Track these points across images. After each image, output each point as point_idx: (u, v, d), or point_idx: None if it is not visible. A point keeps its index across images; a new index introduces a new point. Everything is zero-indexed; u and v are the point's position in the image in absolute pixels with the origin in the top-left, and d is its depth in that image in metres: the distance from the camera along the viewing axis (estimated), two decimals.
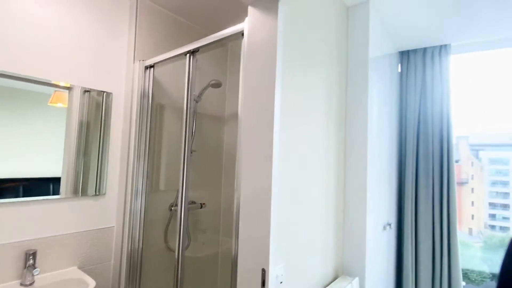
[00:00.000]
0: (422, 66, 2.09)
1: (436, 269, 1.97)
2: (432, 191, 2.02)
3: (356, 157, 1.49)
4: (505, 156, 2.30)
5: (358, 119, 1.51)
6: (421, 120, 2.08)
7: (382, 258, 1.73)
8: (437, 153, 2.02)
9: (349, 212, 1.49)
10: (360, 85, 1.52)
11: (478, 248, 2.54)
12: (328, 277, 1.36)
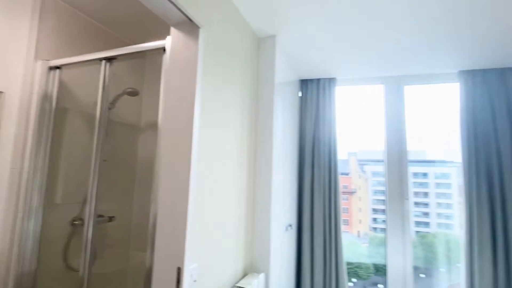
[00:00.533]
0: (316, 93, 2.56)
1: (326, 261, 2.35)
2: (323, 198, 2.43)
3: (264, 167, 1.72)
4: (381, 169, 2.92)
5: (266, 135, 1.76)
6: (315, 138, 2.52)
7: (285, 255, 2.00)
8: (327, 167, 2.45)
9: (257, 216, 1.69)
10: (268, 106, 1.78)
11: (365, 247, 3.11)
12: (238, 274, 1.50)
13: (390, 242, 2.39)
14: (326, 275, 2.34)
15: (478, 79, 2.20)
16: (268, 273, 1.62)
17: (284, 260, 1.96)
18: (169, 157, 1.05)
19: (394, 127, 2.49)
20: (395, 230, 2.38)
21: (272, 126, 1.75)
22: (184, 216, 1.00)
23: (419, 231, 2.79)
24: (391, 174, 2.45)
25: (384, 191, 2.50)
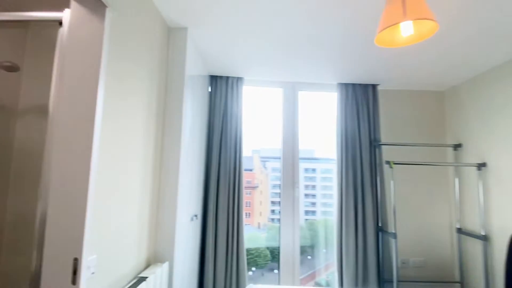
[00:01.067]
0: (225, 90, 2.70)
1: (228, 250, 2.52)
2: (228, 192, 2.58)
3: (171, 159, 1.73)
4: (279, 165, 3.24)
5: (174, 126, 1.77)
6: (223, 133, 2.66)
7: (189, 244, 2.05)
8: (232, 162, 2.61)
9: (162, 207, 1.69)
10: (177, 97, 1.79)
11: (264, 238, 3.40)
12: (142, 265, 1.48)
13: (283, 226, 2.75)
14: (228, 263, 2.50)
15: (349, 91, 2.79)
16: (172, 262, 1.65)
17: (188, 249, 2.02)
18: (65, 147, 0.96)
19: (289, 127, 2.87)
20: (287, 215, 2.77)
21: (181, 118, 1.77)
22: (84, 206, 0.94)
23: (308, 219, 3.28)
24: (285, 168, 2.83)
25: (280, 184, 2.86)
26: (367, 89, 2.80)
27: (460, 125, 2.67)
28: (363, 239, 2.56)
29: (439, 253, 2.70)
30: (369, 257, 2.53)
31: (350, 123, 2.74)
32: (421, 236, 2.72)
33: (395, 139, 2.84)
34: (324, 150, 3.11)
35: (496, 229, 2.24)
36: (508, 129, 2.15)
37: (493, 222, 2.27)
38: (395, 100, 2.91)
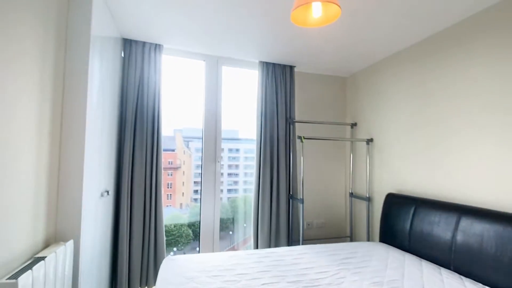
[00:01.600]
0: (142, 57, 2.48)
1: (146, 229, 2.42)
2: (145, 170, 2.43)
3: (75, 125, 1.53)
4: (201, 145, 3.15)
5: (78, 91, 1.55)
6: (138, 104, 2.45)
7: (99, 221, 1.89)
8: (150, 139, 2.44)
9: (65, 179, 1.49)
10: (81, 60, 1.56)
11: (186, 217, 3.34)
12: (39, 245, 1.30)
13: (203, 201, 2.80)
14: (145, 243, 2.41)
15: (270, 70, 2.93)
16: (78, 240, 1.50)
17: (98, 227, 1.86)
18: None
19: (212, 102, 2.86)
20: (208, 190, 2.82)
21: (86, 86, 1.56)
22: None
23: (230, 197, 3.39)
24: (207, 143, 2.84)
25: (202, 157, 2.85)
26: (285, 70, 2.99)
27: (356, 107, 3.16)
28: (276, 206, 2.83)
29: (336, 215, 3.21)
30: (281, 222, 2.83)
31: (270, 101, 2.90)
32: (323, 201, 3.17)
33: (307, 117, 3.16)
34: (247, 131, 3.22)
35: (376, 192, 2.80)
36: (388, 112, 2.66)
37: (375, 187, 2.82)
38: (308, 82, 3.21)
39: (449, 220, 1.83)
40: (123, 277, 2.26)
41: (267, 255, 1.99)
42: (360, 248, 2.17)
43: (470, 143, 1.89)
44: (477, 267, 1.61)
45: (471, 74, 1.90)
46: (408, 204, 2.20)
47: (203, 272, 1.65)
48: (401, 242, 2.18)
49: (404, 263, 1.85)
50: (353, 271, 1.72)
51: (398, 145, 2.53)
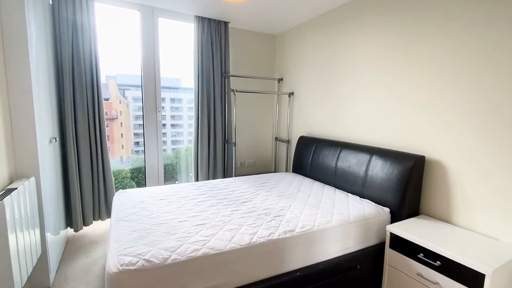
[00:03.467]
0: (72, 4, 2.45)
1: (94, 174, 2.69)
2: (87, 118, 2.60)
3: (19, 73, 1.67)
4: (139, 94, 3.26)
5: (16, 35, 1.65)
6: (74, 54, 2.50)
7: (52, 163, 2.13)
8: (89, 89, 2.57)
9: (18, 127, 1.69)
10: (17, 8, 1.63)
11: (128, 170, 3.52)
12: (5, 181, 1.57)
13: (147, 153, 3.12)
14: (95, 185, 2.70)
15: (205, 25, 3.14)
16: (38, 177, 1.78)
17: (52, 168, 2.11)
18: None
19: (149, 53, 3.00)
20: (151, 140, 3.13)
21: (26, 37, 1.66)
22: None
23: (175, 148, 3.68)
24: (147, 94, 3.05)
25: (143, 115, 3.06)
26: (220, 26, 3.23)
27: (283, 64, 3.64)
28: (214, 150, 3.34)
29: (264, 155, 3.89)
30: (217, 162, 3.37)
31: (206, 55, 3.17)
32: (253, 145, 3.79)
33: (241, 71, 3.54)
34: (188, 81, 3.45)
35: (294, 136, 3.49)
36: (305, 70, 3.21)
37: (293, 131, 3.50)
38: (242, 38, 3.51)
39: (334, 153, 2.58)
40: (77, 212, 2.59)
41: (203, 184, 2.52)
42: (275, 176, 2.87)
43: (355, 99, 2.57)
44: (345, 182, 2.40)
45: (360, 42, 2.49)
46: (311, 143, 2.91)
47: (150, 198, 2.11)
48: (305, 171, 2.94)
49: (303, 183, 2.59)
50: (266, 190, 2.38)
51: (310, 98, 3.16)
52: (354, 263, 1.76)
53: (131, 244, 1.37)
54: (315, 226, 1.67)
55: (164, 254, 1.30)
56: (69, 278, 1.98)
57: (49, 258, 1.90)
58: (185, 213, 1.81)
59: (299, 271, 1.57)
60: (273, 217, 1.77)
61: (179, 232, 1.53)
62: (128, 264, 1.21)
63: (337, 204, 2.04)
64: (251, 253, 1.44)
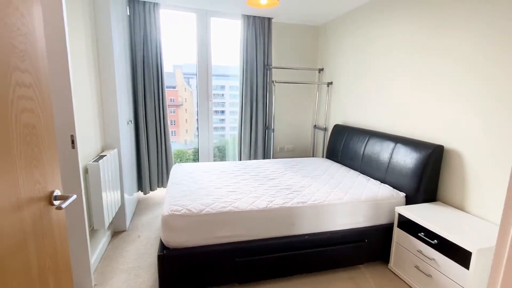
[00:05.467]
0: (144, 15, 3.06)
1: (158, 152, 3.36)
2: (154, 105, 3.25)
3: (107, 71, 2.29)
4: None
5: (106, 47, 2.26)
6: (144, 53, 3.13)
7: (128, 140, 2.80)
8: (155, 80, 3.21)
9: (107, 112, 2.33)
10: (105, 18, 2.22)
11: (191, 152, 4.13)
12: (99, 150, 2.22)
13: (200, 136, 3.68)
14: (159, 160, 3.38)
15: (250, 22, 3.49)
16: (119, 149, 2.42)
17: (128, 144, 2.78)
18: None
19: (203, 48, 3.50)
20: (203, 127, 3.68)
21: (111, 40, 2.26)
22: (71, 108, 1.59)
23: (223, 134, 4.18)
24: (200, 84, 3.59)
25: (197, 102, 3.62)
26: (264, 22, 3.54)
27: (324, 54, 3.79)
28: (255, 134, 3.75)
29: (303, 141, 4.15)
30: (258, 146, 3.78)
31: (250, 50, 3.54)
32: (293, 131, 4.08)
33: (284, 63, 3.82)
34: (233, 70, 3.89)
35: (330, 124, 3.66)
36: (344, 60, 3.34)
37: (330, 120, 3.68)
38: (284, 31, 3.77)
39: (363, 140, 2.73)
40: (146, 180, 3.30)
41: (241, 163, 2.96)
42: (306, 160, 3.15)
43: (385, 89, 2.66)
44: (370, 168, 2.56)
45: (393, 32, 2.56)
46: (344, 131, 3.09)
47: (198, 170, 2.62)
48: (336, 157, 3.14)
49: (330, 167, 2.83)
50: (294, 171, 2.70)
51: (346, 87, 3.29)
52: (362, 236, 1.99)
53: (179, 198, 1.87)
54: (326, 201, 1.95)
55: (200, 207, 1.76)
56: (139, 226, 2.65)
57: (126, 210, 2.58)
58: (221, 183, 2.27)
59: (307, 235, 1.88)
60: (292, 192, 2.10)
61: (214, 194, 1.98)
62: (175, 210, 1.70)
63: (355, 186, 2.25)
64: (266, 215, 1.81)
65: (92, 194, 1.96)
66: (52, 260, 0.86)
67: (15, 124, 0.69)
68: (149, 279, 1.91)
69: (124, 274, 1.95)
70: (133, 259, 2.13)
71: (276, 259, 1.82)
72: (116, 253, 2.21)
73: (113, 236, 2.46)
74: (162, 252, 1.65)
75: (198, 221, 1.70)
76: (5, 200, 0.65)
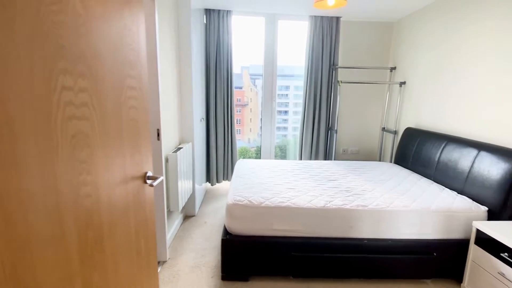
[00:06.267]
0: (218, 22, 3.35)
1: (225, 147, 3.65)
2: (223, 104, 3.54)
3: (187, 76, 2.61)
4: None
5: (186, 53, 2.58)
6: (217, 56, 3.44)
7: (200, 136, 3.13)
8: (225, 81, 3.49)
9: (185, 108, 2.66)
10: (186, 28, 2.53)
11: (253, 151, 4.38)
12: (177, 142, 2.56)
13: (263, 135, 3.85)
14: (225, 155, 3.67)
15: (318, 22, 3.49)
16: (193, 143, 2.74)
17: (200, 139, 3.11)
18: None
19: (270, 49, 3.65)
20: (266, 126, 3.83)
21: (191, 49, 2.57)
22: (158, 103, 1.90)
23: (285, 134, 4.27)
24: (266, 81, 3.74)
25: (261, 102, 3.79)
26: (331, 21, 3.50)
27: (398, 52, 3.54)
28: (317, 135, 3.73)
29: (369, 144, 3.95)
30: (320, 146, 3.75)
31: (316, 50, 3.54)
32: (358, 133, 3.91)
33: (350, 63, 3.70)
34: (298, 69, 3.95)
35: (402, 126, 3.40)
36: (421, 58, 3.06)
37: (401, 122, 3.42)
38: (353, 30, 3.64)
39: (438, 146, 2.48)
40: (213, 172, 3.62)
41: (302, 162, 3.00)
42: (371, 164, 3.00)
43: (468, 91, 2.36)
44: (445, 177, 2.32)
45: (479, 30, 2.26)
46: (416, 135, 2.84)
47: (259, 166, 2.77)
48: (406, 163, 2.91)
49: (398, 173, 2.65)
50: (356, 174, 2.62)
51: (421, 87, 3.01)
52: (429, 249, 1.84)
53: (242, 190, 2.03)
54: (389, 207, 1.86)
55: (260, 199, 1.88)
56: (206, 213, 2.95)
57: (196, 198, 2.89)
58: (281, 180, 2.36)
59: (366, 240, 1.83)
60: (352, 194, 2.06)
61: (273, 190, 2.09)
62: (238, 200, 1.86)
63: (425, 194, 2.08)
64: (324, 214, 1.83)
65: (170, 181, 2.28)
66: (143, 228, 1.08)
67: (125, 118, 0.91)
68: (213, 260, 2.13)
69: (192, 253, 2.22)
70: (200, 241, 2.40)
71: (332, 259, 1.82)
72: (185, 234, 2.51)
73: (184, 220, 2.80)
74: (226, 236, 1.83)
75: (257, 212, 1.83)
76: (119, 176, 0.87)
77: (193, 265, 2.07)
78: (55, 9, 0.59)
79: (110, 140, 0.82)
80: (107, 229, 0.81)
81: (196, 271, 2.00)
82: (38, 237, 0.56)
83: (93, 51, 0.72)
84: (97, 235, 0.76)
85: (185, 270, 2.01)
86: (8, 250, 0.49)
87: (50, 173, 0.58)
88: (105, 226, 0.80)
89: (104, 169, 0.79)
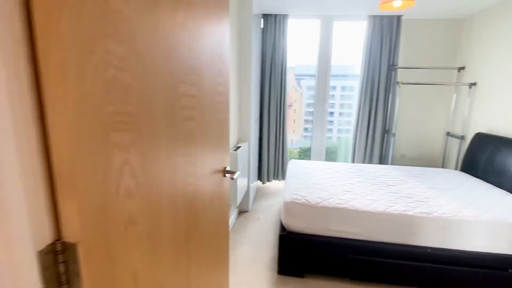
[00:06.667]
0: (274, 26, 3.47)
1: (277, 146, 3.75)
2: (276, 105, 3.64)
3: (246, 80, 2.76)
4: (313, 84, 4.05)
5: (246, 57, 2.73)
6: (272, 59, 3.55)
7: (255, 135, 3.27)
8: (279, 83, 3.58)
9: (244, 108, 2.82)
10: (247, 33, 2.68)
11: (296, 152, 4.41)
12: (235, 141, 2.73)
13: (314, 136, 3.86)
14: (276, 154, 3.77)
15: (377, 22, 3.38)
16: (250, 142, 2.88)
17: (254, 138, 3.25)
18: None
19: (324, 51, 3.65)
20: (317, 127, 3.84)
21: (251, 53, 2.72)
22: None
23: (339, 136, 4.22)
24: (319, 82, 3.75)
25: (313, 103, 3.81)
26: (392, 20, 3.36)
27: (467, 50, 3.25)
28: (372, 137, 3.62)
29: (430, 150, 3.70)
30: (374, 149, 3.63)
31: (374, 50, 3.44)
32: (418, 137, 3.69)
33: (411, 63, 3.52)
34: (350, 69, 3.88)
35: (471, 132, 3.13)
36: (496, 57, 2.79)
37: (470, 127, 3.14)
38: (416, 28, 3.45)
39: None
40: (265, 171, 3.75)
41: (356, 166, 2.95)
42: (435, 171, 2.82)
43: None
44: None
45: None
46: (489, 141, 2.60)
47: (312, 167, 2.81)
48: (475, 171, 2.68)
49: (465, 182, 2.46)
50: (417, 180, 2.50)
51: (496, 89, 2.74)
52: (504, 264, 1.70)
53: (298, 189, 2.10)
54: (457, 216, 1.76)
55: (317, 199, 1.93)
56: (258, 209, 3.08)
57: (250, 194, 3.04)
58: (336, 182, 2.37)
59: (430, 249, 1.76)
60: (414, 201, 1.99)
61: (329, 191, 2.11)
62: (295, 198, 1.94)
63: (499, 206, 1.91)
64: (384, 219, 1.81)
65: None
66: (221, 215, 1.22)
67: (214, 119, 1.05)
68: (268, 253, 2.24)
69: (248, 246, 2.36)
70: (255, 236, 2.53)
71: (393, 265, 1.79)
72: (240, 228, 2.67)
73: (239, 214, 2.96)
74: (283, 232, 1.92)
75: (314, 211, 1.88)
76: (209, 169, 1.01)
77: (250, 257, 2.20)
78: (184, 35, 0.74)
79: (205, 137, 0.96)
80: (202, 213, 0.95)
81: (253, 263, 2.12)
82: (166, 216, 0.70)
83: (198, 63, 0.87)
84: (195, 218, 0.91)
85: (243, 261, 2.15)
86: (149, 221, 0.63)
87: (173, 163, 0.73)
88: (200, 210, 0.94)
89: (201, 162, 0.93)
